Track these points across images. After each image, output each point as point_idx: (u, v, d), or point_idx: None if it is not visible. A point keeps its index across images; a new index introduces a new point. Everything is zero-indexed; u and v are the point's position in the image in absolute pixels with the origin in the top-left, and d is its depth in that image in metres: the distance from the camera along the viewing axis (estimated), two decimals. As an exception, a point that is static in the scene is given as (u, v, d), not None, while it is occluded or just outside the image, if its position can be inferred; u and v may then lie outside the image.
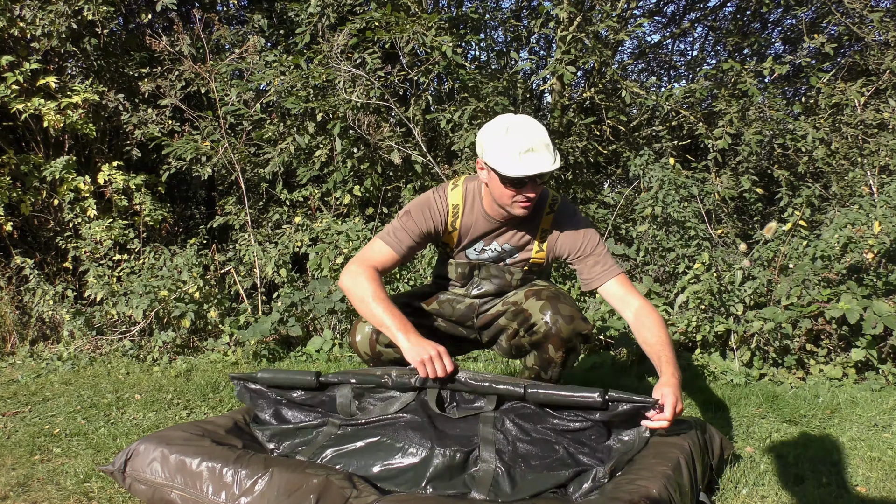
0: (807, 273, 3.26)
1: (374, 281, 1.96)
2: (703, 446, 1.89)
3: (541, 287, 2.17)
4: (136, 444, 1.76)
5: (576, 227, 2.11)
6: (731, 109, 4.40)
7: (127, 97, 4.75)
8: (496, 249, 2.16)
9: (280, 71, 4.37)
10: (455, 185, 2.13)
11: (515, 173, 1.88)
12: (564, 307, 2.06)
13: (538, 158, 1.88)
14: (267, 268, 4.15)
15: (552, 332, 2.04)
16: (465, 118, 4.30)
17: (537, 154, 1.88)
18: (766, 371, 3.17)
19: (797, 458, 2.19)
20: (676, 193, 3.75)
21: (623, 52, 6.28)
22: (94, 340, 3.79)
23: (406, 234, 2.07)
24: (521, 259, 2.17)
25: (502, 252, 2.17)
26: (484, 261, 2.19)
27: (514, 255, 2.16)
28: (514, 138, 1.90)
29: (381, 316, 1.90)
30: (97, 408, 2.79)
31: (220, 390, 3.01)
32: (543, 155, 1.89)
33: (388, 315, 1.89)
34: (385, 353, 2.14)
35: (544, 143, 1.90)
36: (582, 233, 2.10)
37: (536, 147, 1.88)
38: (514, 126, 1.92)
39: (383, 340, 2.12)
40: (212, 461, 1.65)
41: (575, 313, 2.07)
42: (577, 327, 2.06)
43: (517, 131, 1.90)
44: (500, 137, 1.91)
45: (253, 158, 4.72)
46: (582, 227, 2.12)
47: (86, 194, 4.50)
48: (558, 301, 2.08)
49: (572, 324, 2.04)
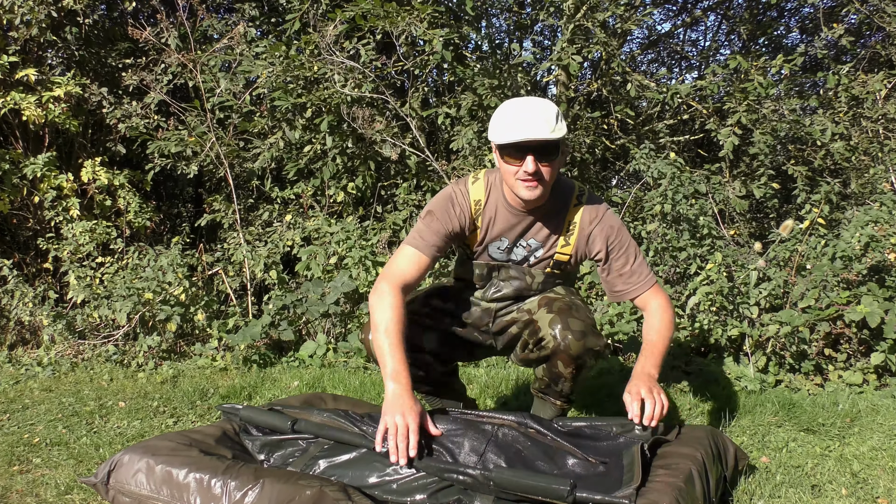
0: (825, 274, 3.26)
1: (394, 309, 1.92)
2: (716, 456, 1.89)
3: (555, 297, 2.14)
4: (120, 454, 1.76)
5: (606, 222, 2.08)
6: (739, 108, 4.39)
7: (110, 90, 4.75)
8: (523, 246, 2.14)
9: (269, 62, 4.37)
10: (476, 179, 2.12)
11: (505, 139, 1.90)
12: (576, 321, 2.04)
13: (531, 125, 1.88)
14: (257, 268, 4.15)
15: (560, 348, 2.02)
16: (463, 113, 4.31)
17: (531, 122, 1.88)
18: (783, 377, 3.17)
19: (815, 469, 2.19)
20: (685, 189, 3.75)
21: (632, 42, 6.29)
22: (76, 345, 3.78)
23: (432, 234, 2.05)
24: (546, 256, 2.14)
25: (528, 249, 2.13)
26: (507, 261, 2.17)
27: (538, 251, 2.13)
28: (510, 108, 1.94)
29: (383, 353, 1.87)
30: (79, 416, 2.79)
31: (208, 397, 3.01)
32: (538, 123, 1.88)
33: (389, 355, 1.86)
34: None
35: (543, 114, 1.90)
36: (616, 228, 2.08)
37: (532, 116, 1.89)
38: (516, 100, 1.97)
39: None
40: (200, 472, 1.65)
41: (587, 328, 2.04)
42: (588, 344, 2.03)
43: (516, 103, 1.95)
44: (501, 112, 1.97)
45: (242, 153, 4.72)
46: (612, 221, 2.09)
47: (68, 192, 4.50)
48: (570, 314, 2.05)
49: (582, 340, 2.02)
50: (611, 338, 3.50)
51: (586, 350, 2.03)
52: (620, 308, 3.53)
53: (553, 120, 1.90)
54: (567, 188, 2.10)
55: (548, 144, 1.90)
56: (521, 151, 1.91)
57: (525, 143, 1.89)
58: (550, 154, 1.93)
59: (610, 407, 2.81)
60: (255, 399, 3.02)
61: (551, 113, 1.91)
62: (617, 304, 3.57)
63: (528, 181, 1.94)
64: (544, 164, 1.93)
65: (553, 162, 1.95)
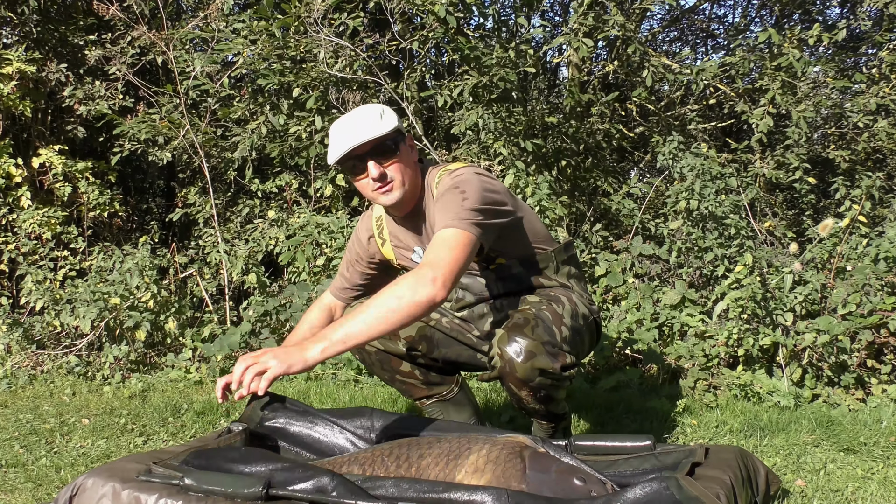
0: (867, 277, 3.26)
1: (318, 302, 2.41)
2: (746, 480, 1.89)
3: (523, 307, 2.12)
4: (83, 477, 1.76)
5: (443, 186, 2.04)
6: (773, 85, 4.38)
7: (70, 68, 4.73)
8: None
9: (250, 40, 4.37)
10: None
11: (334, 156, 2.03)
12: (526, 340, 1.98)
13: (351, 133, 2.00)
14: (235, 270, 4.15)
15: (506, 370, 1.99)
16: (465, 95, 4.30)
17: (350, 130, 2.01)
18: (820, 391, 3.17)
19: (856, 493, 2.19)
20: (713, 184, 3.74)
21: (652, 19, 6.29)
22: (35, 356, 3.78)
23: (347, 264, 2.38)
24: None
25: None
26: None
27: None
28: (332, 129, 2.07)
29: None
30: (38, 434, 2.78)
31: (181, 414, 3.00)
32: (357, 129, 2.00)
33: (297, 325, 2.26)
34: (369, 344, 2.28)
35: (360, 119, 2.02)
36: (443, 190, 2.02)
37: (349, 125, 2.02)
38: (339, 119, 2.09)
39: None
40: (171, 498, 1.65)
41: (538, 347, 1.98)
42: (537, 364, 1.97)
43: (337, 122, 2.07)
44: (329, 136, 2.08)
45: (220, 141, 4.72)
46: (444, 185, 2.03)
47: (18, 179, 4.47)
48: (521, 331, 2.00)
49: (529, 361, 1.96)
50: (629, 347, 3.50)
51: (534, 371, 1.98)
52: (640, 315, 3.53)
53: (372, 119, 2.01)
54: (426, 177, 2.16)
55: (378, 144, 1.99)
56: (359, 161, 2.01)
57: (352, 154, 1.99)
58: (387, 152, 2.02)
59: (629, 424, 2.81)
60: (234, 415, 3.02)
61: (371, 113, 2.03)
62: (636, 311, 3.57)
63: (381, 187, 2.04)
64: (386, 164, 2.02)
65: (394, 159, 2.03)
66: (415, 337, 2.29)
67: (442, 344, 2.32)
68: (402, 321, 1.78)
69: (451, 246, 1.85)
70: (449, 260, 1.83)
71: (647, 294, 3.64)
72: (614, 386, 3.29)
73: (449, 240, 1.86)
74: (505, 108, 4.53)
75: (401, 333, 2.28)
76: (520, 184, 3.97)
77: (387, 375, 2.37)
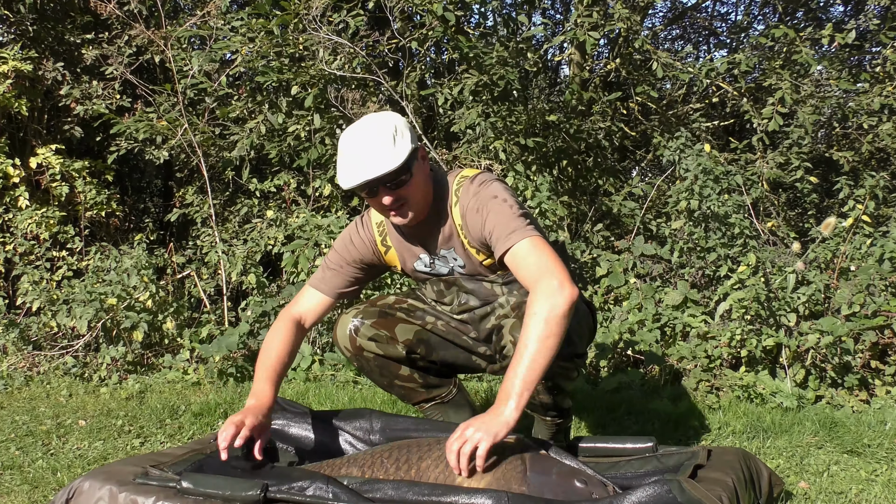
0: (871, 277, 3.26)
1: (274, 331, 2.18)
2: (748, 482, 1.90)
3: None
4: (80, 480, 1.76)
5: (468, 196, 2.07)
6: (782, 84, 4.37)
7: (67, 66, 4.73)
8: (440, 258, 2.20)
9: (249, 38, 4.37)
10: None
11: (345, 185, 2.01)
12: None
13: (363, 164, 1.96)
14: (234, 270, 4.15)
15: None
16: (465, 94, 4.30)
17: (362, 160, 1.97)
18: (824, 392, 3.17)
19: (860, 496, 2.19)
20: (716, 184, 3.74)
21: (654, 16, 6.29)
22: (31, 357, 3.78)
23: (331, 271, 2.25)
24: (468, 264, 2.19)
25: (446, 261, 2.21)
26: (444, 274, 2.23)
27: (458, 261, 2.20)
28: (342, 147, 2.03)
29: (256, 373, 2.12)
30: (34, 436, 2.79)
31: (178, 415, 3.01)
32: (369, 161, 1.96)
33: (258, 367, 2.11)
34: (367, 346, 2.27)
35: (372, 147, 1.97)
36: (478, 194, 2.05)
37: (360, 153, 1.98)
38: (347, 136, 2.04)
39: (365, 334, 2.27)
40: (168, 501, 1.65)
41: None
42: None
43: (346, 140, 2.03)
44: (339, 153, 2.05)
45: (217, 140, 4.72)
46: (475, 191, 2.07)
47: (15, 180, 4.47)
48: None
49: None
50: (630, 348, 3.50)
51: None
52: (641, 315, 3.53)
53: (386, 147, 1.96)
54: (444, 189, 2.14)
55: (392, 174, 1.96)
56: (371, 187, 2.00)
57: (364, 185, 1.98)
58: (399, 178, 1.99)
59: (630, 426, 2.81)
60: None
61: (384, 137, 1.97)
62: (637, 311, 3.58)
63: (394, 212, 2.04)
64: (399, 191, 2.00)
65: (407, 184, 2.01)
66: (413, 340, 2.30)
67: (439, 347, 2.33)
68: (560, 336, 1.82)
69: (538, 253, 1.93)
70: (550, 262, 1.90)
71: (649, 294, 3.64)
72: (616, 387, 3.30)
73: (532, 250, 1.93)
74: (505, 107, 4.53)
75: (399, 337, 2.28)
76: (519, 186, 3.98)
77: (385, 381, 2.36)
